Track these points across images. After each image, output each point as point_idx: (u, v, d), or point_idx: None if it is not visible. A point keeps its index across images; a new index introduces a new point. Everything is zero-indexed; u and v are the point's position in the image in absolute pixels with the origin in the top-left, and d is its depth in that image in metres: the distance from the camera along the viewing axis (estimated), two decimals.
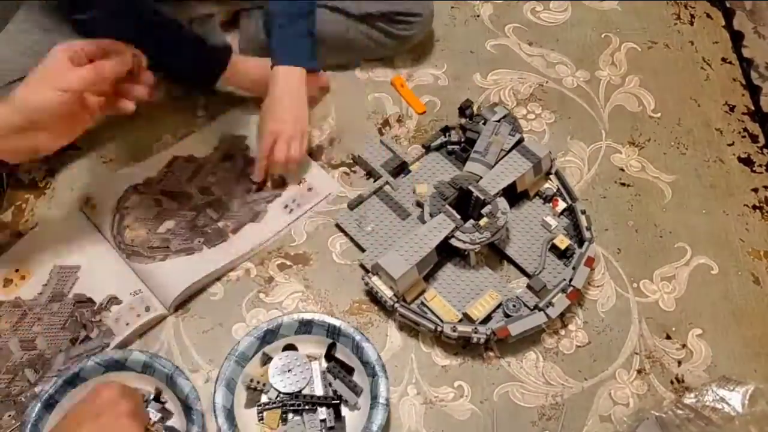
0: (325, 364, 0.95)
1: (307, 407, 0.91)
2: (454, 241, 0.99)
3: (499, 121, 1.11)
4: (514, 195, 1.07)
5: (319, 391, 0.92)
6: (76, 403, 0.81)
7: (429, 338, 0.99)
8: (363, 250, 1.05)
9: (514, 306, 0.98)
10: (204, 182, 1.11)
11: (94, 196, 1.08)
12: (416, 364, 0.98)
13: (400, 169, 1.13)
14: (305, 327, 0.95)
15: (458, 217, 1.00)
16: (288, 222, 1.08)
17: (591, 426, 0.94)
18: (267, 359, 0.94)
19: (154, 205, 1.07)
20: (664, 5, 1.39)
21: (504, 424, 0.93)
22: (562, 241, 1.03)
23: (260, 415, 0.91)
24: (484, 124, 1.11)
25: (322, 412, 0.91)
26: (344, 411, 0.92)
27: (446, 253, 1.03)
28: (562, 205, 1.09)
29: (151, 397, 0.91)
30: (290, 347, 0.96)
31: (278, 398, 0.92)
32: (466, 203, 1.04)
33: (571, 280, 0.99)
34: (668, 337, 1.01)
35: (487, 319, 0.98)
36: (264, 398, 0.92)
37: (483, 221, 0.99)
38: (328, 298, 1.02)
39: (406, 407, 0.94)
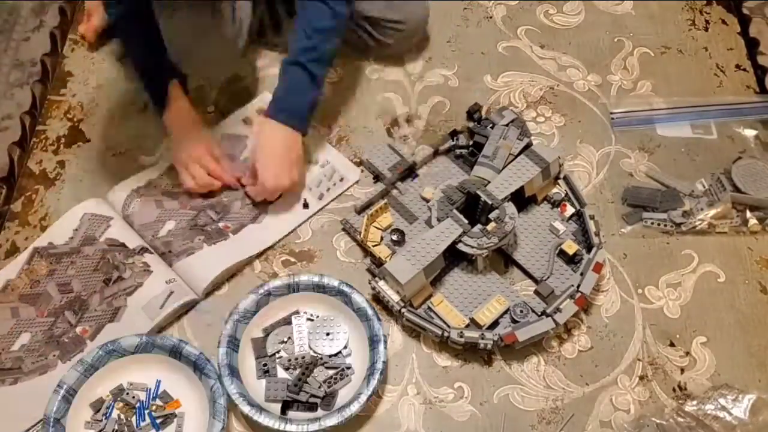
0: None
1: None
2: (461, 246, 0.98)
3: (507, 125, 1.10)
4: (522, 200, 1.06)
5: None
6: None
7: (431, 339, 0.99)
8: (367, 254, 1.05)
9: (521, 311, 0.98)
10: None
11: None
12: (417, 364, 0.98)
13: (408, 172, 1.13)
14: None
15: (466, 221, 0.99)
16: (306, 216, 1.10)
17: (591, 431, 0.93)
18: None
19: (155, 206, 1.07)
20: (678, 10, 1.38)
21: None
22: (570, 247, 1.03)
23: None
24: (492, 128, 1.11)
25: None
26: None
27: (453, 257, 1.02)
28: (570, 210, 1.08)
29: None
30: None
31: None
32: (473, 208, 1.04)
33: (579, 286, 0.98)
34: (672, 345, 1.00)
35: (494, 324, 0.98)
36: None
37: (490, 226, 0.99)
38: None
39: (406, 407, 0.94)
